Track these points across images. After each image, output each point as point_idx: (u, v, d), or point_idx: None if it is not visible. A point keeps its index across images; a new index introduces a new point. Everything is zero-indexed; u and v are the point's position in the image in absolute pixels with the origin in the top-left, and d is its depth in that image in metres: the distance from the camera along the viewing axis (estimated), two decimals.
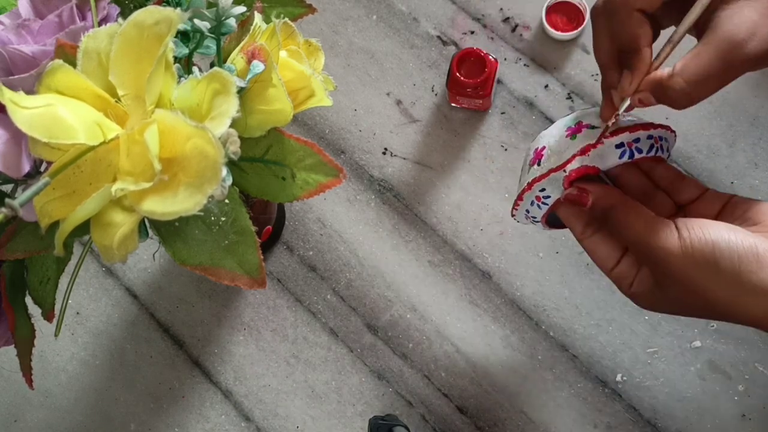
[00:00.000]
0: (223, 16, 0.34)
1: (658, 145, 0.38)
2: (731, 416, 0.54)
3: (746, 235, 0.32)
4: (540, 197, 0.40)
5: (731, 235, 0.32)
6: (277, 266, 0.61)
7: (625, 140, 0.37)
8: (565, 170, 0.38)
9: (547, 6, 0.62)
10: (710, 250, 0.32)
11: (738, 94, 0.60)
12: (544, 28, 0.63)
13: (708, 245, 0.32)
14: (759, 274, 0.31)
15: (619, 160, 0.37)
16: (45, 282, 0.37)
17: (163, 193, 0.28)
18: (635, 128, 0.37)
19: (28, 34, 0.33)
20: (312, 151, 0.36)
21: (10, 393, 0.61)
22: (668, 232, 0.33)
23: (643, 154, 0.37)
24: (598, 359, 0.56)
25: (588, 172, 0.38)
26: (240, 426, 0.58)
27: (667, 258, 0.33)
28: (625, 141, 0.37)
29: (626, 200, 0.36)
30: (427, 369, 0.58)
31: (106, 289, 0.62)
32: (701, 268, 0.32)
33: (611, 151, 0.37)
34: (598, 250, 0.37)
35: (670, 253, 0.32)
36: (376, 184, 0.62)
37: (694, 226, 0.33)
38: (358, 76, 0.65)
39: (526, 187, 0.40)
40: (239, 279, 0.34)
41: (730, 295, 0.32)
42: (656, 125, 0.38)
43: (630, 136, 0.37)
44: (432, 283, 0.59)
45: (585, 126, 0.38)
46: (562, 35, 0.62)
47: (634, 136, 0.37)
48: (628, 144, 0.37)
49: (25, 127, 0.27)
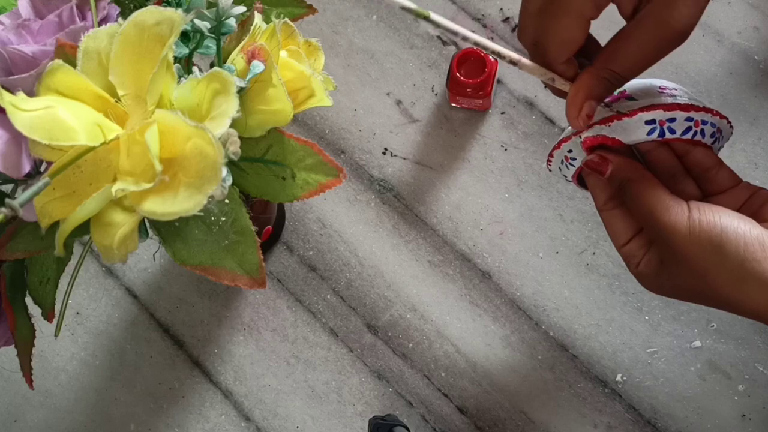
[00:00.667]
0: (223, 16, 0.34)
1: (698, 129, 0.36)
2: (731, 416, 0.54)
3: (756, 226, 0.32)
4: (568, 157, 0.39)
5: (740, 223, 0.32)
6: (277, 266, 0.61)
7: (658, 117, 0.35)
8: (581, 136, 0.37)
9: None
10: (717, 233, 0.32)
11: (738, 94, 0.60)
12: None
13: (716, 228, 0.32)
14: (763, 264, 0.31)
15: (647, 136, 0.35)
16: (45, 282, 0.37)
17: (163, 193, 0.28)
18: (672, 107, 0.35)
19: (28, 34, 0.33)
20: (312, 151, 0.36)
21: (10, 393, 0.61)
22: (679, 210, 0.33)
23: (676, 135, 0.35)
24: (598, 359, 0.56)
25: (605, 142, 0.37)
26: (240, 426, 0.58)
27: (674, 236, 0.33)
28: (657, 118, 0.35)
29: (644, 174, 0.35)
30: (427, 369, 0.58)
31: (106, 289, 0.62)
32: (706, 250, 0.32)
33: (639, 125, 0.35)
34: (613, 224, 0.37)
35: (677, 231, 0.33)
36: (376, 184, 0.62)
37: (705, 209, 0.33)
38: (358, 76, 0.65)
39: (556, 146, 0.39)
40: (239, 279, 0.34)
41: (733, 281, 0.32)
42: (700, 108, 0.35)
43: (664, 115, 0.35)
44: (432, 283, 0.59)
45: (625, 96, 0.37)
46: None
47: (669, 115, 0.35)
48: (660, 122, 0.35)
49: (26, 130, 0.27)
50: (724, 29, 0.62)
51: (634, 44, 0.33)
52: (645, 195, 0.34)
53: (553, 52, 0.34)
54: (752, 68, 0.60)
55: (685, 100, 0.36)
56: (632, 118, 0.35)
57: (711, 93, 0.60)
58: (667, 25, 0.32)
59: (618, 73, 0.34)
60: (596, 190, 0.38)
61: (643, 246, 0.36)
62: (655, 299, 0.56)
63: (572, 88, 0.35)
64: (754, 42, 0.61)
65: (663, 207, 0.34)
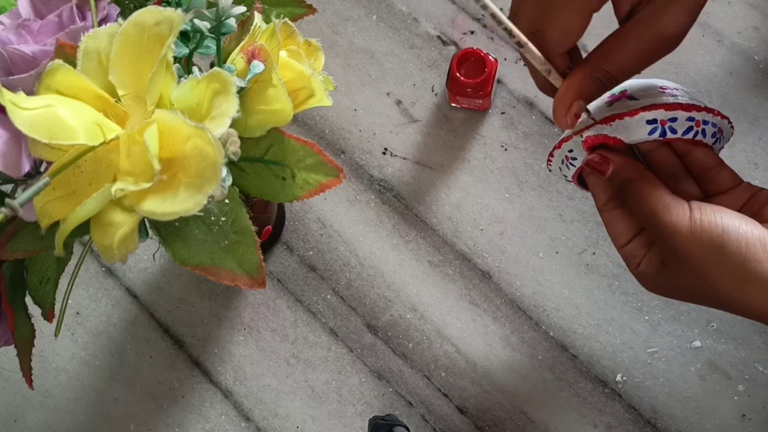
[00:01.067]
0: (223, 16, 0.34)
1: (699, 129, 0.36)
2: (731, 416, 0.54)
3: (758, 227, 0.32)
4: (569, 157, 0.39)
5: (742, 223, 0.32)
6: (277, 266, 0.61)
7: (660, 117, 0.35)
8: (582, 136, 0.37)
9: None
10: (719, 233, 0.32)
11: (738, 94, 0.60)
12: None
13: (717, 228, 0.32)
14: (765, 264, 0.31)
15: (648, 136, 0.36)
16: (45, 282, 0.37)
17: (163, 193, 0.28)
18: (674, 106, 0.35)
19: (28, 34, 0.33)
20: (312, 151, 0.36)
21: (10, 393, 0.61)
22: (680, 210, 0.33)
23: (677, 135, 0.35)
24: (598, 359, 0.56)
25: (605, 141, 0.37)
26: (240, 426, 0.58)
27: (675, 236, 0.33)
28: (659, 117, 0.35)
29: (645, 174, 0.35)
30: (427, 369, 0.58)
31: (106, 289, 0.62)
32: (707, 251, 0.32)
33: (641, 125, 0.36)
34: (614, 225, 0.37)
35: (678, 231, 0.33)
36: (376, 184, 0.62)
37: (707, 209, 0.33)
38: (358, 76, 0.65)
39: (557, 145, 0.39)
40: (239, 279, 0.34)
41: (734, 281, 0.32)
42: (701, 108, 0.35)
43: (666, 114, 0.35)
44: (432, 283, 0.59)
45: (626, 96, 0.37)
46: None
47: (670, 115, 0.35)
48: (661, 122, 0.35)
49: (25, 129, 0.27)
50: (724, 29, 0.62)
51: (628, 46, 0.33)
52: (646, 195, 0.34)
53: (552, 42, 0.34)
54: (752, 68, 0.60)
55: (686, 100, 0.36)
56: (634, 118, 0.35)
57: (711, 93, 0.60)
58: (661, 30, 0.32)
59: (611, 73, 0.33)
60: (597, 189, 0.38)
61: (644, 246, 0.36)
62: (655, 299, 0.56)
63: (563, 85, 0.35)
64: (754, 42, 0.61)
65: (664, 207, 0.33)
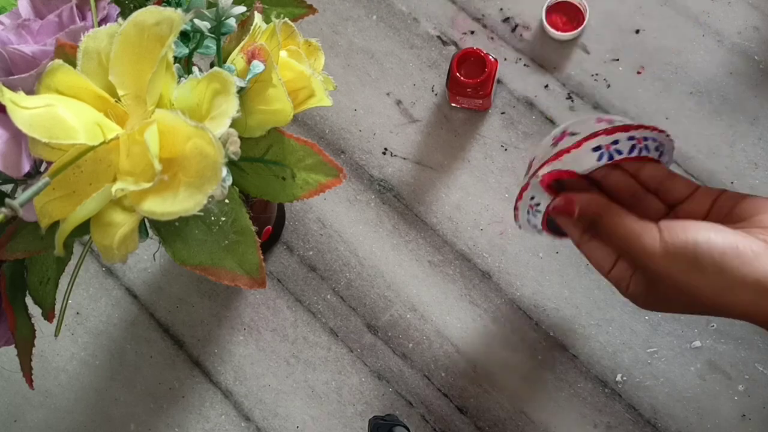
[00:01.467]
0: (223, 16, 0.34)
1: (642, 146, 0.38)
2: (731, 416, 0.54)
3: (727, 233, 0.33)
4: (532, 205, 0.41)
5: (711, 234, 0.33)
6: (277, 266, 0.61)
7: (603, 143, 0.37)
8: (537, 176, 0.38)
9: (547, 6, 0.62)
10: (691, 250, 0.32)
11: (738, 94, 0.60)
12: (544, 28, 0.63)
13: (689, 245, 0.32)
14: (741, 269, 0.32)
15: (597, 162, 0.37)
16: (45, 282, 0.37)
17: (163, 193, 0.28)
18: (613, 130, 0.37)
19: (28, 34, 0.33)
20: (312, 151, 0.36)
21: (10, 393, 0.61)
22: (651, 234, 0.34)
23: (624, 155, 0.37)
24: (598, 359, 0.56)
25: (561, 176, 0.38)
26: (240, 426, 0.58)
27: (652, 259, 0.33)
28: (602, 144, 0.37)
29: (611, 206, 0.36)
30: (427, 369, 0.58)
31: (106, 289, 0.62)
32: (683, 268, 0.33)
33: (587, 154, 0.37)
34: (594, 255, 0.38)
35: (652, 254, 0.33)
36: (376, 184, 0.62)
37: (675, 228, 0.33)
38: (358, 76, 0.65)
39: (518, 196, 0.41)
40: (239, 279, 0.34)
41: (716, 291, 0.32)
42: (636, 126, 0.37)
43: (607, 139, 0.37)
44: (432, 283, 0.59)
45: (568, 134, 0.39)
46: (562, 35, 0.62)
47: (612, 138, 0.37)
48: (606, 146, 0.37)
49: (25, 128, 0.26)
50: (724, 29, 0.62)
51: None
52: (615, 226, 0.35)
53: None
54: (752, 68, 0.60)
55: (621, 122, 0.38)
56: (580, 149, 0.37)
57: (711, 93, 0.60)
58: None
59: None
60: (569, 228, 0.39)
61: (629, 268, 0.37)
62: None
63: None
64: (754, 42, 0.61)
65: (634, 235, 0.34)
